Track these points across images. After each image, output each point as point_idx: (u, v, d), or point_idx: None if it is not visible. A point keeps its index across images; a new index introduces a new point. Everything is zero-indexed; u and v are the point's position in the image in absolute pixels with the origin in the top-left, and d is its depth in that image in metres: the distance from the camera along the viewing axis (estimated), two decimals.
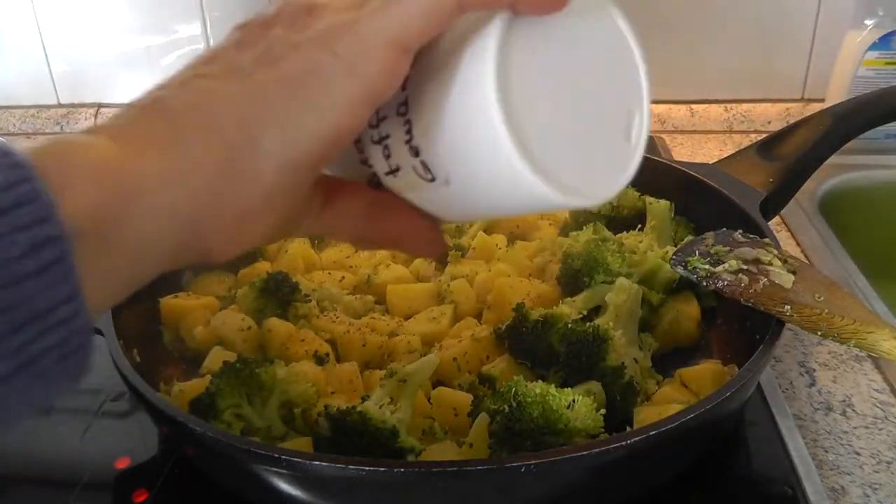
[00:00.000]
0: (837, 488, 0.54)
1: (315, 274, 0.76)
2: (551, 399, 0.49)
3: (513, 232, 0.83)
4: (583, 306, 0.65)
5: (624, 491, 0.51)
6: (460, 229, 0.81)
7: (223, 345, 0.65)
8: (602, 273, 0.66)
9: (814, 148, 0.75)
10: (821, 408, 0.62)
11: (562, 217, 0.83)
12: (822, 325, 0.54)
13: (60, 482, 0.57)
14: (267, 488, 0.48)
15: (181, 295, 0.71)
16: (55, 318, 0.22)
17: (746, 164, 0.77)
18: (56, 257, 0.22)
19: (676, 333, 0.67)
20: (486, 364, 0.61)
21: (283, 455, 0.44)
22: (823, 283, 0.57)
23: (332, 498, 0.48)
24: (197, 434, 0.46)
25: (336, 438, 0.50)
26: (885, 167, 1.04)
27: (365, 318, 0.69)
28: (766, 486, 0.54)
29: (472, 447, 0.52)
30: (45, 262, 0.22)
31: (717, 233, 0.63)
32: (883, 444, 0.58)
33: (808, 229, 0.90)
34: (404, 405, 0.53)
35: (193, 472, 0.56)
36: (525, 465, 0.43)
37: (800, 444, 0.56)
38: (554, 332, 0.59)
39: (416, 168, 0.32)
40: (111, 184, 0.25)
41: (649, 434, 0.45)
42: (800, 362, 0.68)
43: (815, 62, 1.16)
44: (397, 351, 0.64)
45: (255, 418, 0.54)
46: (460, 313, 0.70)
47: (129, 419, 0.63)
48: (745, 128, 1.20)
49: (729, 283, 0.57)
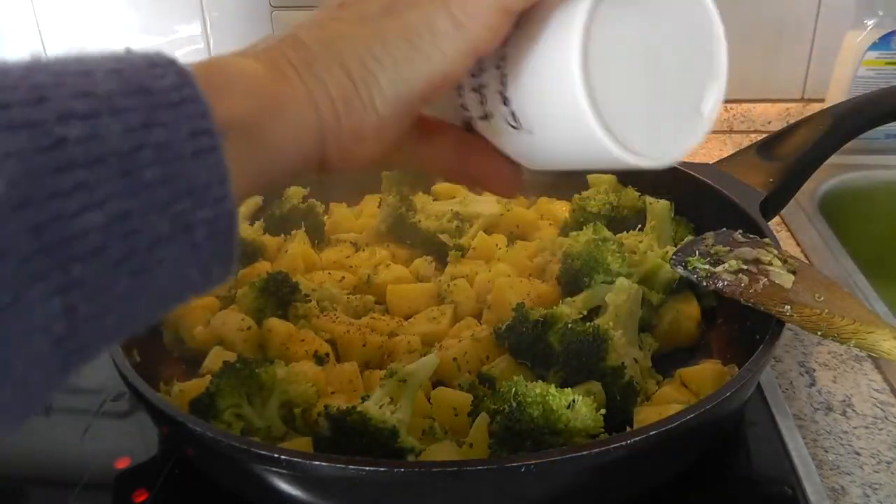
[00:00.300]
0: (837, 488, 0.54)
1: (315, 274, 0.76)
2: (551, 399, 0.49)
3: (513, 232, 0.83)
4: (583, 306, 0.65)
5: (624, 491, 0.51)
6: (460, 229, 0.81)
7: (223, 345, 0.65)
8: (602, 273, 0.66)
9: (814, 148, 0.75)
10: (821, 408, 0.62)
11: (562, 217, 0.83)
12: (822, 325, 0.54)
13: (60, 482, 0.57)
14: (267, 488, 0.48)
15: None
16: (209, 195, 0.27)
17: (746, 164, 0.77)
18: (211, 146, 0.27)
19: (676, 333, 0.67)
20: (486, 364, 0.61)
21: (283, 455, 0.44)
22: (823, 283, 0.57)
23: (332, 498, 0.48)
24: (197, 434, 0.46)
25: (336, 438, 0.50)
26: (885, 167, 1.04)
27: (365, 318, 0.69)
28: (766, 486, 0.54)
29: (472, 447, 0.52)
30: (203, 148, 0.26)
31: (717, 233, 0.63)
32: (883, 444, 0.58)
33: (808, 229, 0.90)
34: (404, 405, 0.53)
35: (193, 472, 0.56)
36: (525, 465, 0.43)
37: (800, 444, 0.56)
38: (554, 332, 0.59)
39: (506, 116, 0.37)
40: (260, 96, 0.31)
41: (649, 434, 0.45)
42: (800, 362, 0.68)
43: (815, 62, 1.16)
44: (397, 351, 0.64)
45: (255, 418, 0.54)
46: (460, 313, 0.70)
47: (129, 419, 0.63)
48: (745, 128, 1.20)
49: (729, 283, 0.57)
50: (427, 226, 0.80)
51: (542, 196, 0.89)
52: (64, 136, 0.23)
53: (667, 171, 0.86)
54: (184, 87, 0.27)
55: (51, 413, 0.64)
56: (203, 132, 0.26)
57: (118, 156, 0.24)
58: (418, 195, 0.86)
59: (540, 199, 0.89)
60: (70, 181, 0.23)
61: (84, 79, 0.25)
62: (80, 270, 0.24)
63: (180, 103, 0.26)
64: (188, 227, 0.26)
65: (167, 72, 0.27)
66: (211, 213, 0.27)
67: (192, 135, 0.26)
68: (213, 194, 0.27)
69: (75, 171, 0.23)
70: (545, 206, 0.87)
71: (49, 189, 0.23)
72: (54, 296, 0.23)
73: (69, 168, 0.23)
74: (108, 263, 0.24)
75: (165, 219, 0.25)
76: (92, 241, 0.24)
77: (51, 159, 0.23)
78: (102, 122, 0.24)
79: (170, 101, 0.26)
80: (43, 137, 0.23)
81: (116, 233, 0.24)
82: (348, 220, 0.86)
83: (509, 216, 0.83)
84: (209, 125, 0.27)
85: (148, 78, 0.26)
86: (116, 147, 0.24)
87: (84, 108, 0.24)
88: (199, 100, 0.27)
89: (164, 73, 0.27)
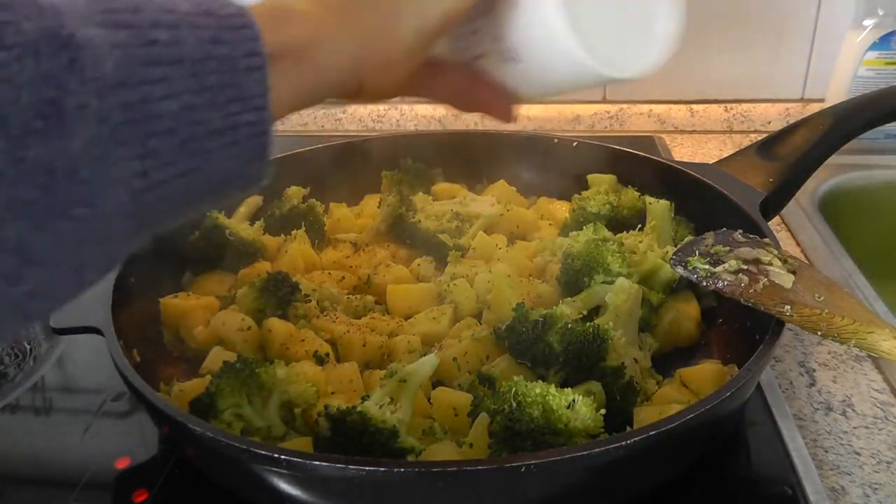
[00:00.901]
0: (837, 488, 0.54)
1: (315, 274, 0.76)
2: (551, 399, 0.49)
3: (513, 232, 0.83)
4: (583, 306, 0.65)
5: (624, 491, 0.51)
6: (460, 229, 0.81)
7: (223, 345, 0.65)
8: (602, 273, 0.66)
9: (814, 148, 0.75)
10: (821, 408, 0.62)
11: (562, 217, 0.83)
12: (822, 325, 0.54)
13: (60, 482, 0.57)
14: (267, 488, 0.48)
15: (181, 295, 0.71)
16: (253, 103, 0.33)
17: (746, 164, 0.77)
18: (259, 64, 0.33)
19: (676, 333, 0.67)
20: (486, 364, 0.61)
21: (283, 455, 0.44)
22: (823, 283, 0.57)
23: (332, 498, 0.48)
24: (197, 434, 0.46)
25: (336, 438, 0.50)
26: (885, 167, 1.04)
27: (365, 318, 0.69)
28: (766, 486, 0.54)
29: (472, 447, 0.52)
30: (253, 66, 0.33)
31: (717, 233, 0.63)
32: (883, 444, 0.58)
33: (808, 229, 0.90)
34: (404, 405, 0.53)
35: (193, 472, 0.56)
36: (525, 465, 0.43)
37: (800, 444, 0.56)
38: (554, 332, 0.59)
39: (498, 50, 0.45)
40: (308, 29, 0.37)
41: (649, 434, 0.45)
42: (800, 362, 0.68)
43: (815, 62, 1.16)
44: (397, 351, 0.64)
45: (255, 418, 0.54)
46: (460, 313, 0.70)
47: (129, 419, 0.63)
48: (745, 128, 1.21)
49: (729, 283, 0.57)
50: (427, 226, 0.80)
51: (542, 196, 0.89)
52: (155, 39, 0.30)
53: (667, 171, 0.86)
54: (242, 15, 0.33)
55: (51, 413, 0.64)
56: (255, 53, 0.33)
57: (191, 61, 0.31)
58: (418, 195, 0.86)
59: (540, 199, 0.89)
60: (156, 73, 0.30)
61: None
62: (155, 143, 0.30)
63: (240, 27, 0.33)
64: (235, 125, 0.32)
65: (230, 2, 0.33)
66: (253, 117, 0.33)
67: (246, 54, 0.32)
68: (256, 103, 0.33)
69: (161, 67, 0.30)
70: (545, 206, 0.87)
71: (140, 76, 0.29)
72: (134, 159, 0.29)
73: (156, 63, 0.30)
74: (175, 142, 0.30)
75: (219, 115, 0.32)
76: (166, 122, 0.30)
77: (144, 54, 0.29)
78: (182, 34, 0.31)
79: (233, 24, 0.32)
80: (140, 36, 0.29)
81: (184, 119, 0.30)
82: (348, 220, 0.86)
83: (509, 216, 0.83)
84: (260, 48, 0.33)
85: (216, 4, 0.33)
86: (190, 53, 0.31)
87: (169, 20, 0.30)
88: (254, 27, 0.33)
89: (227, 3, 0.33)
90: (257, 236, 0.79)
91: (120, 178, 0.29)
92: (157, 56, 0.30)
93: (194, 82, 0.31)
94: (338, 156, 0.91)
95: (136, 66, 0.29)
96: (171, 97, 0.30)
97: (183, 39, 0.31)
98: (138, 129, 0.29)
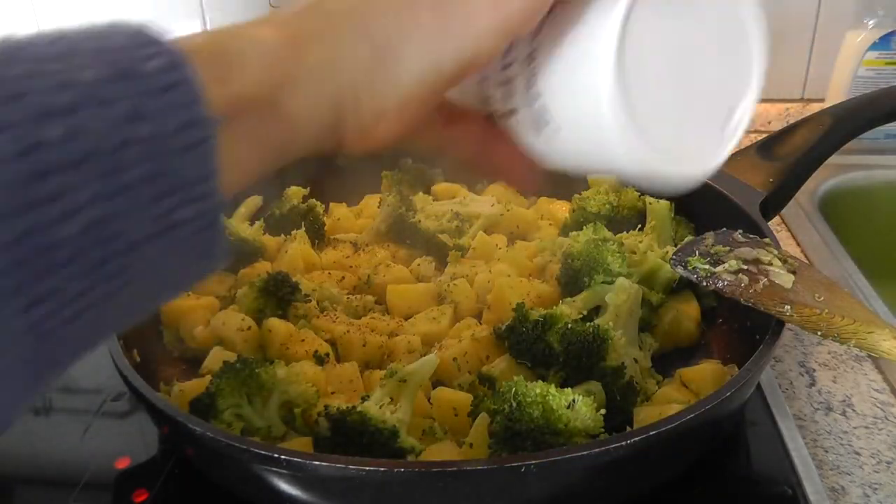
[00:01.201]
0: (837, 488, 0.54)
1: (315, 274, 0.76)
2: (551, 399, 0.49)
3: (513, 232, 0.83)
4: (583, 306, 0.65)
5: (624, 491, 0.51)
6: (460, 229, 0.81)
7: (223, 345, 0.65)
8: (602, 273, 0.66)
9: (814, 148, 0.75)
10: (821, 408, 0.62)
11: (562, 217, 0.83)
12: (822, 325, 0.54)
13: (60, 482, 0.57)
14: (267, 488, 0.48)
15: (181, 295, 0.71)
16: (196, 191, 0.25)
17: (746, 164, 0.76)
18: (201, 138, 0.25)
19: (676, 333, 0.67)
20: (486, 364, 0.61)
21: (283, 455, 0.44)
22: (823, 283, 0.57)
23: (332, 498, 0.48)
24: (197, 434, 0.46)
25: (336, 438, 0.50)
26: (885, 167, 1.04)
27: (365, 318, 0.69)
28: (766, 486, 0.54)
29: (472, 447, 0.52)
30: (192, 141, 0.25)
31: (717, 233, 0.63)
32: (883, 444, 0.58)
33: (808, 229, 0.90)
34: (404, 405, 0.53)
35: (193, 472, 0.56)
36: (525, 465, 0.43)
37: (800, 444, 0.56)
38: (554, 332, 0.59)
39: (533, 112, 0.35)
40: (273, 68, 0.28)
41: (649, 434, 0.45)
42: (800, 362, 0.68)
43: (815, 62, 1.15)
44: (397, 351, 0.64)
45: (255, 418, 0.54)
46: (460, 313, 0.70)
47: (129, 419, 0.63)
48: None
49: (729, 283, 0.57)
50: (427, 226, 0.80)
51: (542, 196, 0.89)
52: (41, 140, 0.21)
53: None
54: (173, 69, 0.24)
55: (51, 413, 0.64)
56: (193, 123, 0.24)
57: (100, 155, 0.23)
58: (418, 195, 0.86)
59: (540, 199, 0.89)
60: (48, 188, 0.22)
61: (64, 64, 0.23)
62: (54, 282, 0.22)
63: (169, 89, 0.24)
64: (172, 225, 0.25)
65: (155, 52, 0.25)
66: (194, 211, 0.25)
67: (181, 127, 0.24)
68: (200, 190, 0.25)
69: (53, 177, 0.22)
70: (545, 206, 0.87)
71: (25, 198, 0.21)
72: (30, 307, 0.22)
73: (47, 174, 0.21)
74: (84, 269, 0.23)
75: (148, 218, 0.24)
76: (67, 250, 0.22)
77: (29, 165, 0.21)
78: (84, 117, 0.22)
79: (158, 86, 0.24)
80: (21, 139, 0.21)
81: (94, 238, 0.23)
82: (348, 220, 0.86)
83: (509, 216, 0.83)
84: (201, 115, 0.25)
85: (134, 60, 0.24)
86: (99, 145, 0.23)
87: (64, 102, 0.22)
88: (189, 84, 0.25)
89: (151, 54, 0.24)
90: (257, 236, 0.79)
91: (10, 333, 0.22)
92: (48, 163, 0.22)
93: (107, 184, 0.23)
94: (338, 156, 0.91)
95: (18, 185, 0.21)
96: (73, 215, 0.22)
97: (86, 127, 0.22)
98: (26, 270, 0.22)
